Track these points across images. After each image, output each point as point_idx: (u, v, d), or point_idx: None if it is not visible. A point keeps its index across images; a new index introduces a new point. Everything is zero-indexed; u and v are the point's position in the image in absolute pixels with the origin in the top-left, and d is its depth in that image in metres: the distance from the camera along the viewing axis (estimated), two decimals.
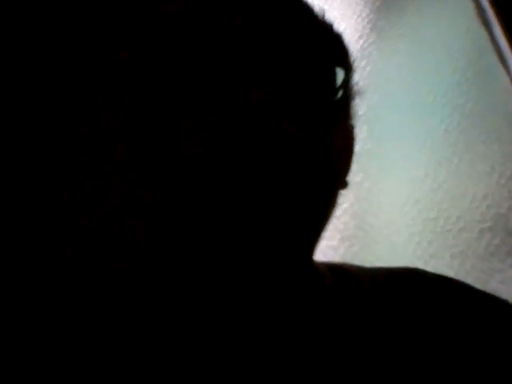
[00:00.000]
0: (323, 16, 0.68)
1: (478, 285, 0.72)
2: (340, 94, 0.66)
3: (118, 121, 1.00)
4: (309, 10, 0.67)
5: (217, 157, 0.59)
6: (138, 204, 0.94)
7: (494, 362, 0.64)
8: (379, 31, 1.37)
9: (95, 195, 1.05)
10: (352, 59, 0.69)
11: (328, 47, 0.66)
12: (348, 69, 0.68)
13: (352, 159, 0.70)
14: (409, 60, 1.33)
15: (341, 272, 0.69)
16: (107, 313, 0.65)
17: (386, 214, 1.30)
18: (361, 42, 1.37)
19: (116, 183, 1.03)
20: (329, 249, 1.26)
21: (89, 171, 1.05)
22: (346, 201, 1.30)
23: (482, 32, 1.23)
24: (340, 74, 0.67)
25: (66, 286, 0.70)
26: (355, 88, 0.69)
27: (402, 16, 1.36)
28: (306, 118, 0.62)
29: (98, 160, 1.05)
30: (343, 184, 0.68)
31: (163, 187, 0.63)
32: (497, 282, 1.19)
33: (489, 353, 0.64)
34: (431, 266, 1.21)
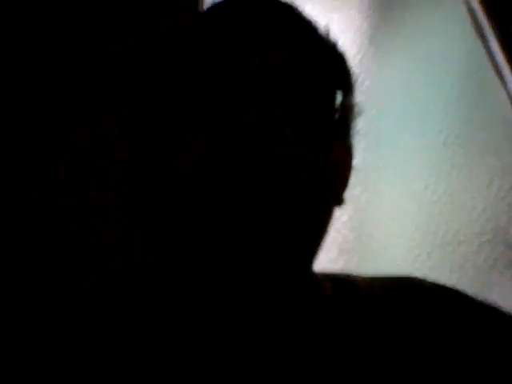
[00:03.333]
0: (327, 34, 0.68)
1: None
2: (338, 114, 0.67)
3: (119, 124, 1.00)
4: (312, 28, 0.67)
5: (208, 173, 0.59)
6: (137, 205, 0.94)
7: (493, 372, 0.64)
8: (377, 45, 1.37)
9: (97, 196, 1.05)
10: (354, 79, 0.69)
11: (329, 68, 0.66)
12: (348, 89, 0.68)
13: (350, 176, 0.70)
14: (407, 74, 1.34)
15: (340, 282, 0.69)
16: (108, 312, 0.65)
17: (384, 226, 1.30)
18: (359, 56, 1.37)
19: (118, 184, 1.03)
20: (328, 261, 1.26)
21: (91, 172, 1.05)
22: (344, 214, 1.31)
23: (479, 45, 1.24)
24: (340, 95, 0.67)
25: (68, 285, 0.70)
26: (356, 108, 0.69)
27: (399, 30, 1.36)
28: (302, 137, 0.62)
29: (100, 161, 1.05)
30: (340, 201, 0.68)
31: (160, 193, 0.63)
32: (496, 295, 1.19)
33: (488, 362, 0.64)
34: (430, 279, 1.21)
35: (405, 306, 0.67)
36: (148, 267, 0.70)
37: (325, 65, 0.66)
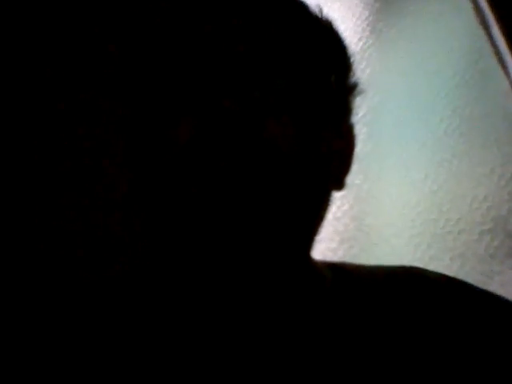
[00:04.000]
0: (319, 14, 0.67)
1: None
2: (332, 95, 0.66)
3: (116, 120, 1.00)
4: (302, 6, 0.66)
5: (193, 159, 0.59)
6: (136, 203, 0.94)
7: (495, 361, 0.64)
8: (379, 33, 1.37)
9: (96, 196, 1.05)
10: (350, 56, 0.68)
11: (320, 48, 0.65)
12: (343, 69, 0.67)
13: (351, 160, 0.69)
14: (408, 62, 1.33)
15: (341, 271, 0.69)
16: (107, 313, 0.65)
17: (385, 215, 1.30)
18: (360, 43, 1.37)
19: (116, 183, 1.03)
20: (328, 250, 1.26)
21: (90, 171, 1.05)
22: (345, 202, 1.31)
23: (481, 34, 1.23)
24: (334, 75, 0.66)
25: (67, 286, 0.70)
26: (354, 85, 0.68)
27: (401, 18, 1.36)
28: (287, 121, 0.61)
29: (99, 160, 1.05)
30: (340, 185, 0.68)
31: (154, 184, 0.63)
32: (496, 284, 1.19)
33: (489, 351, 0.64)
34: (431, 268, 1.20)
35: (405, 295, 0.66)
36: (147, 265, 0.69)
37: (315, 44, 0.65)
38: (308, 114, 0.62)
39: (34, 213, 1.05)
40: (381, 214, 1.31)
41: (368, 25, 1.38)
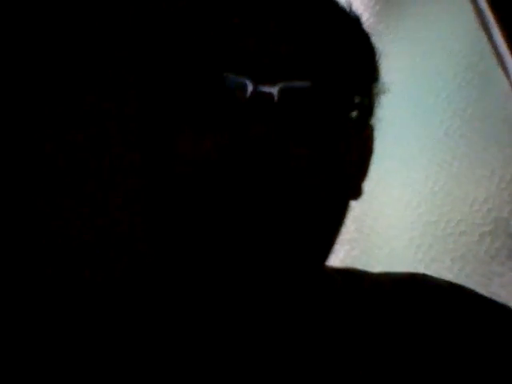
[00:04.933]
0: (350, 12, 0.67)
1: (478, 288, 0.72)
2: (358, 110, 0.65)
3: (121, 122, 1.00)
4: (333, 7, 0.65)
5: (217, 170, 0.58)
6: (138, 205, 0.94)
7: (496, 367, 0.64)
8: (379, 35, 1.36)
9: (97, 196, 1.05)
10: (378, 59, 0.67)
11: (354, 54, 0.64)
12: (374, 74, 0.67)
13: (369, 163, 0.69)
14: (409, 64, 1.33)
15: (349, 275, 0.69)
16: (107, 312, 0.65)
17: (386, 217, 1.30)
18: None
19: (118, 184, 1.03)
20: None
21: (91, 172, 1.05)
22: None
23: (482, 35, 1.23)
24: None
25: (67, 285, 0.70)
26: (381, 86, 0.67)
27: (401, 20, 1.36)
28: (312, 144, 0.60)
29: (101, 161, 1.05)
30: (358, 193, 0.67)
31: (163, 191, 0.63)
32: (497, 286, 1.19)
33: (491, 358, 0.64)
34: (432, 270, 1.21)
35: (409, 301, 0.66)
36: (151, 266, 0.69)
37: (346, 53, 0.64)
38: (332, 137, 0.61)
39: (34, 213, 1.05)
40: (381, 216, 1.31)
41: (368, 27, 1.38)
